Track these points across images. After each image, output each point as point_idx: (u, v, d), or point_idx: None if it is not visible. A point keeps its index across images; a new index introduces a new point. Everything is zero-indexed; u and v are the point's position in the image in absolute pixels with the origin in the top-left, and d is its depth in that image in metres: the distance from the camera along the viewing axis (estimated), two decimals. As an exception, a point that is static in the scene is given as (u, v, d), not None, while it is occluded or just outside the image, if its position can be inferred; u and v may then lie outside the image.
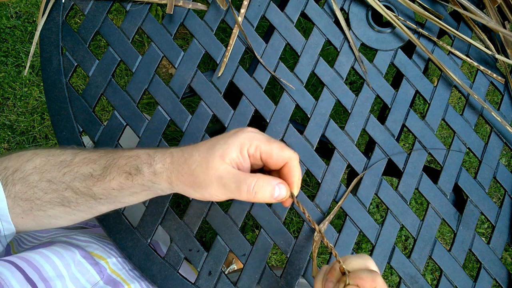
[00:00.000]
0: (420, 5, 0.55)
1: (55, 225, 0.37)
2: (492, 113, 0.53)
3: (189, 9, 0.52)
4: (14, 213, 0.34)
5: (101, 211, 0.37)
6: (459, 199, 0.53)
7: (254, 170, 0.35)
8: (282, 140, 0.50)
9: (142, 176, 0.33)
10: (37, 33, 0.49)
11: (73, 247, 0.39)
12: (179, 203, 1.14)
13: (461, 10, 0.55)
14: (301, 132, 0.51)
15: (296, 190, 0.33)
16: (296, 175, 0.32)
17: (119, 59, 0.50)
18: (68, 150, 0.36)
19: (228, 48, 0.51)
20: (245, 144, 0.30)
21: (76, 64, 0.49)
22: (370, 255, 0.49)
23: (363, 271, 0.31)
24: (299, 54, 0.53)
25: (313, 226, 0.36)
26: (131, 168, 0.33)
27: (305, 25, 1.24)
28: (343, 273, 0.32)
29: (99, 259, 0.41)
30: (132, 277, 0.43)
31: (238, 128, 0.33)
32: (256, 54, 0.51)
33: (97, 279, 0.39)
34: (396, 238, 0.49)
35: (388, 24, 0.54)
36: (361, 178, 0.50)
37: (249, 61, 1.16)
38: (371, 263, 0.33)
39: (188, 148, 0.33)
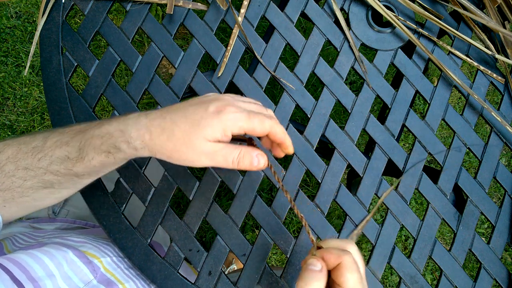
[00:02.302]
0: (420, 5, 0.55)
1: (41, 207, 0.38)
2: (492, 113, 0.53)
3: (189, 9, 0.52)
4: None
5: (86, 183, 0.38)
6: (459, 199, 0.53)
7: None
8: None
9: (123, 153, 0.33)
10: (37, 33, 0.49)
11: (65, 247, 0.39)
12: (179, 203, 1.14)
13: (461, 10, 0.55)
14: (301, 132, 0.50)
15: (290, 148, 0.35)
16: (281, 137, 0.34)
17: (119, 59, 0.50)
18: (38, 135, 0.35)
19: (228, 48, 0.51)
20: (228, 126, 0.31)
21: (76, 64, 0.49)
22: (370, 255, 0.49)
23: (334, 248, 0.32)
24: (299, 54, 0.53)
25: (286, 196, 0.38)
26: (109, 147, 0.33)
27: (305, 25, 1.24)
28: (318, 248, 0.34)
29: (92, 258, 0.41)
30: (127, 276, 0.43)
31: (217, 103, 0.32)
32: (256, 54, 0.51)
33: (90, 278, 0.39)
34: (396, 238, 0.49)
35: (388, 24, 0.54)
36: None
37: (249, 61, 1.16)
38: (350, 246, 0.33)
39: (166, 122, 0.32)
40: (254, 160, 0.33)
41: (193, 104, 0.33)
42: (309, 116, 0.51)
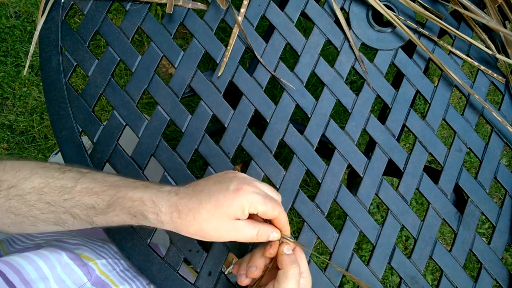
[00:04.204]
0: (420, 4, 0.55)
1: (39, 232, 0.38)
2: (493, 113, 0.53)
3: (189, 8, 0.52)
4: (2, 223, 0.35)
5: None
6: (460, 199, 0.53)
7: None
8: (282, 139, 0.50)
9: (148, 222, 0.35)
10: (37, 33, 0.49)
11: (60, 249, 0.39)
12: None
13: (461, 10, 0.55)
14: (301, 132, 0.50)
15: (288, 231, 0.40)
16: (283, 224, 0.39)
17: (119, 58, 0.50)
18: (67, 174, 0.36)
19: (228, 47, 0.51)
20: (246, 206, 0.35)
21: (75, 63, 0.49)
22: (371, 255, 0.49)
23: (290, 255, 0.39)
24: (299, 53, 0.52)
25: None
26: (137, 213, 0.35)
27: (305, 24, 1.23)
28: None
29: (87, 261, 0.41)
30: (122, 279, 0.43)
31: (237, 181, 0.36)
32: (256, 53, 0.51)
33: (84, 281, 0.38)
34: (397, 239, 0.49)
35: (388, 23, 0.54)
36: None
37: (249, 61, 1.15)
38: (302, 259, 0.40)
39: (192, 202, 0.35)
40: (270, 236, 0.38)
41: (216, 183, 0.36)
42: (309, 116, 0.51)
